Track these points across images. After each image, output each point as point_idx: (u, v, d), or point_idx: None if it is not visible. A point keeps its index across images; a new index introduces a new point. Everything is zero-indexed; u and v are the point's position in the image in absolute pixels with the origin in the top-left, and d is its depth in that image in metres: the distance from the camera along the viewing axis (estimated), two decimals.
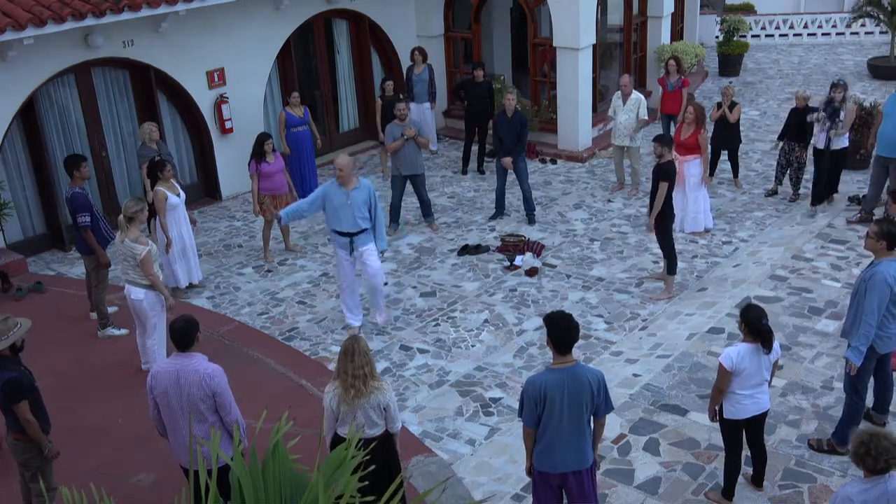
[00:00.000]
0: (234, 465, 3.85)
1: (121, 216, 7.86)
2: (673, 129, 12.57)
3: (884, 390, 6.94)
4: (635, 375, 7.95)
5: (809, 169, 13.05)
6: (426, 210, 11.63)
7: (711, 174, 12.23)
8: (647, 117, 12.34)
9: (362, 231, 8.62)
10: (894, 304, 6.28)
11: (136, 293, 7.87)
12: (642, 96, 12.34)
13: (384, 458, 5.55)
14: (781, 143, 11.86)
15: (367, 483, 4.32)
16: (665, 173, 9.20)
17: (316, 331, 9.16)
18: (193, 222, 10.14)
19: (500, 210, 11.91)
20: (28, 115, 10.89)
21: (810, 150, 11.61)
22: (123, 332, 9.00)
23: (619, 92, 12.31)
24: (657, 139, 9.40)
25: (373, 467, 4.75)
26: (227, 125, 12.72)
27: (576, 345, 5.36)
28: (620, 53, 16.21)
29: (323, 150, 14.17)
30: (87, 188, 9.34)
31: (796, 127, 11.55)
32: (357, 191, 8.53)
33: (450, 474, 6.74)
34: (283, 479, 3.91)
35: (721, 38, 19.19)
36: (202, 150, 12.91)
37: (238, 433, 4.41)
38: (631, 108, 12.16)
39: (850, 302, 6.55)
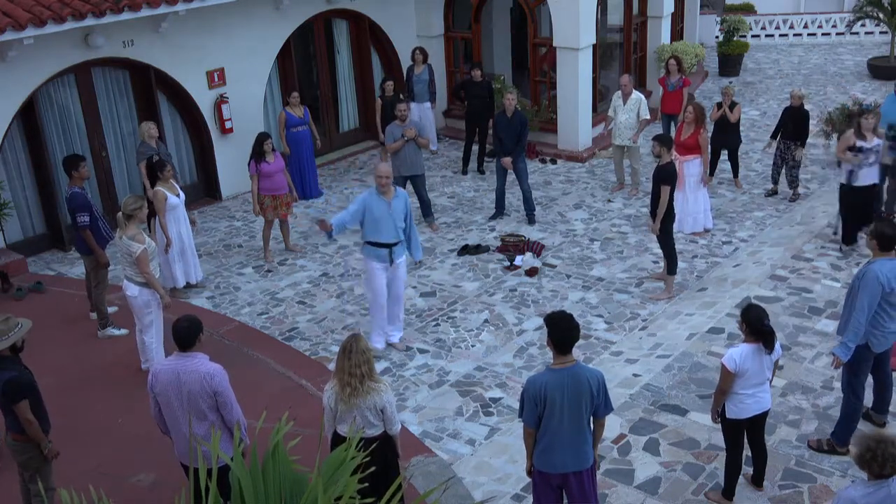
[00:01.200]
0: (234, 465, 3.85)
1: (120, 213, 7.86)
2: (673, 130, 12.58)
3: (883, 390, 6.94)
4: (635, 375, 7.94)
5: (811, 169, 13.07)
6: (426, 210, 11.63)
7: (711, 174, 12.23)
8: (648, 117, 12.34)
9: (400, 241, 8.33)
10: (889, 303, 6.30)
11: (132, 290, 7.89)
12: (643, 96, 12.35)
13: (383, 459, 5.55)
14: (775, 142, 11.92)
15: (366, 484, 4.32)
16: (666, 176, 9.19)
17: (316, 331, 9.16)
18: (193, 223, 10.14)
19: (500, 210, 11.91)
20: (28, 115, 10.88)
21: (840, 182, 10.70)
22: (123, 332, 9.00)
23: (620, 92, 12.31)
24: (657, 138, 9.39)
25: (372, 469, 4.74)
26: (227, 125, 12.72)
27: (576, 345, 5.36)
28: (620, 53, 16.21)
29: (323, 150, 14.19)
30: (86, 188, 9.34)
31: (793, 126, 11.59)
32: (396, 199, 8.21)
33: (450, 474, 6.74)
34: (282, 479, 3.91)
35: (721, 38, 19.19)
36: (202, 150, 12.90)
37: (238, 432, 4.41)
38: (631, 107, 12.16)
39: (845, 300, 6.59)
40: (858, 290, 6.30)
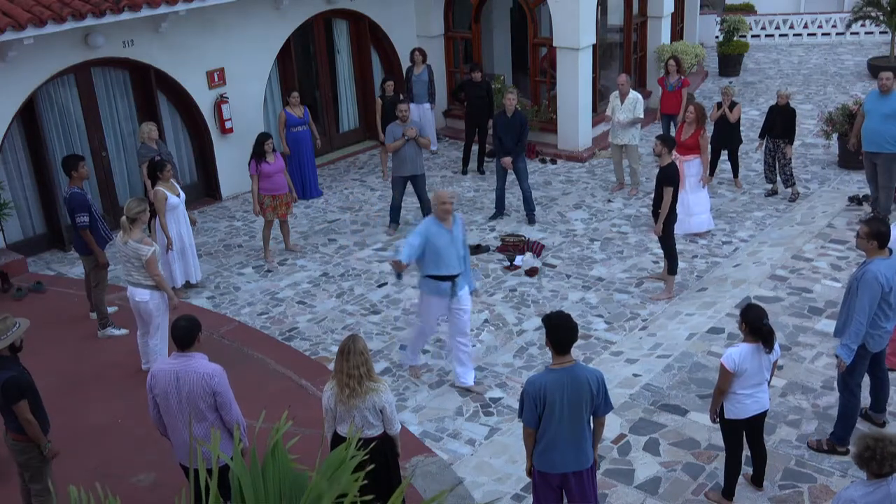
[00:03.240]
0: (234, 464, 3.85)
1: (123, 217, 7.83)
2: (673, 130, 12.58)
3: (880, 389, 6.94)
4: (635, 375, 7.94)
5: (811, 169, 13.07)
6: (426, 210, 11.61)
7: (711, 174, 12.23)
8: (641, 116, 12.30)
9: (462, 271, 7.62)
10: (886, 302, 6.30)
11: (141, 294, 7.85)
12: (640, 96, 12.34)
13: (383, 459, 5.54)
14: (763, 142, 11.96)
15: (365, 483, 4.31)
16: (668, 178, 9.18)
17: (316, 331, 9.16)
18: (193, 222, 10.14)
19: (500, 210, 11.91)
20: (28, 115, 10.88)
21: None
22: (123, 332, 8.99)
23: (617, 91, 12.31)
24: (659, 138, 9.40)
25: (371, 468, 4.73)
26: (227, 125, 12.72)
27: (576, 345, 5.36)
28: (620, 53, 16.21)
29: (323, 150, 14.19)
30: (86, 188, 9.33)
31: (780, 124, 11.63)
32: (456, 226, 7.52)
33: (451, 475, 6.74)
34: (282, 478, 3.91)
35: (721, 38, 19.18)
36: (202, 150, 12.90)
37: (238, 432, 4.40)
38: (629, 107, 12.15)
39: (842, 301, 6.58)
40: (858, 291, 6.29)
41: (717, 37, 20.44)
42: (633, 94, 12.22)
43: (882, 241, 6.29)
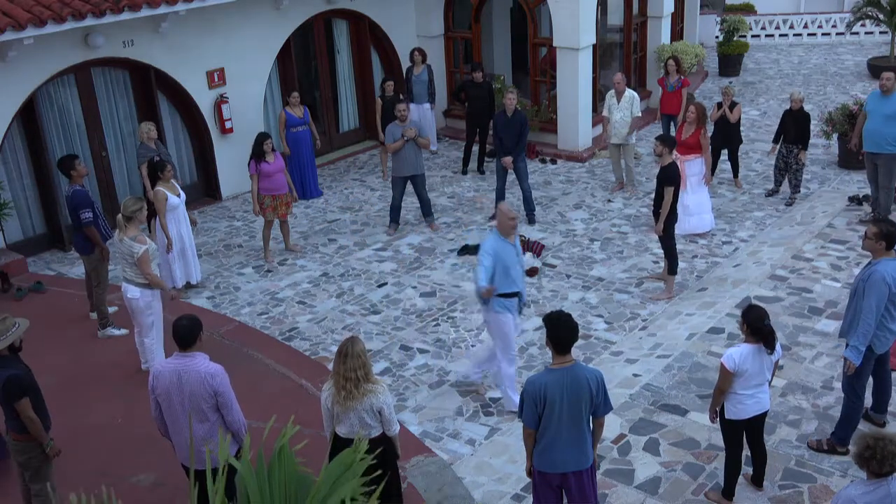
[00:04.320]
0: (241, 467, 3.85)
1: (119, 215, 7.85)
2: (673, 130, 12.57)
3: (882, 390, 6.93)
4: (635, 375, 7.94)
5: (811, 169, 13.07)
6: (426, 210, 11.63)
7: (712, 174, 12.21)
8: (639, 115, 12.29)
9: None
10: (893, 303, 6.29)
11: (132, 291, 7.87)
12: (636, 94, 12.33)
13: (381, 460, 5.53)
14: (778, 147, 11.87)
15: (366, 483, 4.31)
16: (669, 177, 9.18)
17: (316, 331, 9.16)
18: (194, 222, 10.14)
19: None
20: (28, 115, 10.88)
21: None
22: (123, 332, 9.00)
23: (613, 91, 12.30)
24: (659, 138, 9.40)
25: (377, 473, 4.72)
26: (227, 125, 12.72)
27: (576, 345, 5.36)
28: (620, 53, 16.22)
29: (323, 150, 14.20)
30: (87, 186, 9.33)
31: (794, 129, 11.54)
32: (516, 240, 7.49)
33: (450, 475, 6.74)
34: (287, 481, 3.91)
35: (721, 38, 19.19)
36: (202, 150, 12.90)
37: (248, 437, 4.39)
38: (625, 106, 12.15)
39: (848, 302, 6.56)
40: (865, 292, 6.27)
41: (717, 37, 20.45)
42: (630, 93, 12.22)
43: (890, 242, 6.28)
